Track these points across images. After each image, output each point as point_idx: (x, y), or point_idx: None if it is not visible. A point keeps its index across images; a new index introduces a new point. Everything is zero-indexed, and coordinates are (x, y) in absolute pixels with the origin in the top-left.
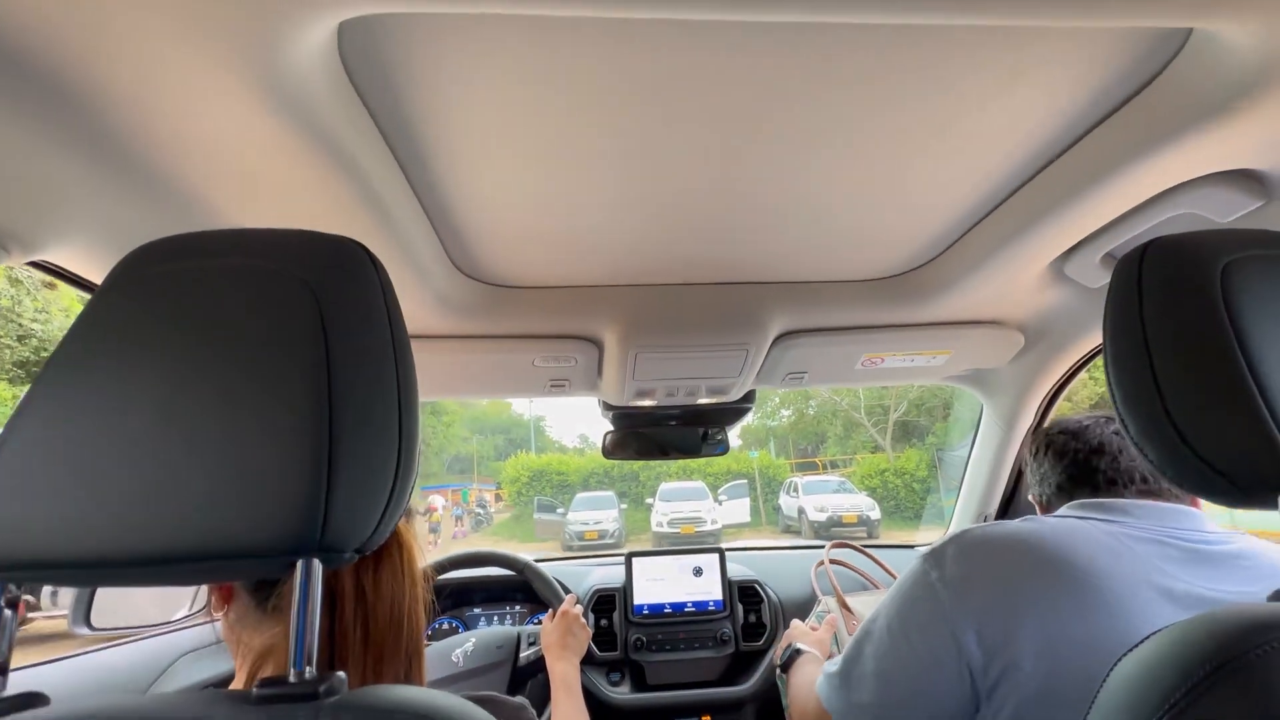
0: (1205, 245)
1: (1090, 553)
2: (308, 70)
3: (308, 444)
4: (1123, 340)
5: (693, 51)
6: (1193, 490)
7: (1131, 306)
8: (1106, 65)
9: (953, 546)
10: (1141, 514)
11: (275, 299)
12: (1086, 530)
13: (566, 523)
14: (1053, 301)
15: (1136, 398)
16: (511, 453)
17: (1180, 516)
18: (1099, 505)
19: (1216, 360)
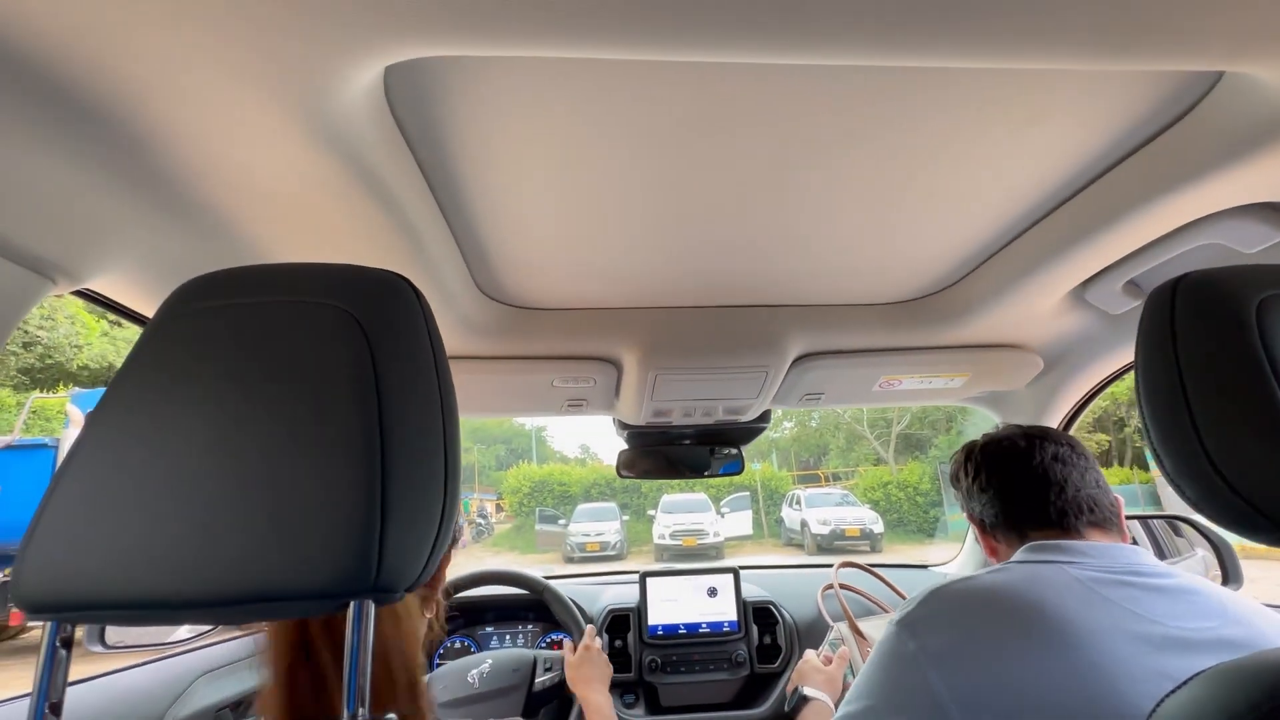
0: (1239, 281)
1: (1072, 606)
2: (354, 110)
3: (361, 482)
4: (1157, 376)
5: (718, 87)
6: (1232, 528)
7: (1165, 342)
8: (1137, 103)
9: (928, 611)
10: (1098, 554)
11: (325, 334)
12: (1057, 579)
13: (568, 534)
14: (1073, 326)
15: (1172, 435)
16: (513, 463)
17: (1128, 552)
18: (1058, 547)
19: (1254, 397)
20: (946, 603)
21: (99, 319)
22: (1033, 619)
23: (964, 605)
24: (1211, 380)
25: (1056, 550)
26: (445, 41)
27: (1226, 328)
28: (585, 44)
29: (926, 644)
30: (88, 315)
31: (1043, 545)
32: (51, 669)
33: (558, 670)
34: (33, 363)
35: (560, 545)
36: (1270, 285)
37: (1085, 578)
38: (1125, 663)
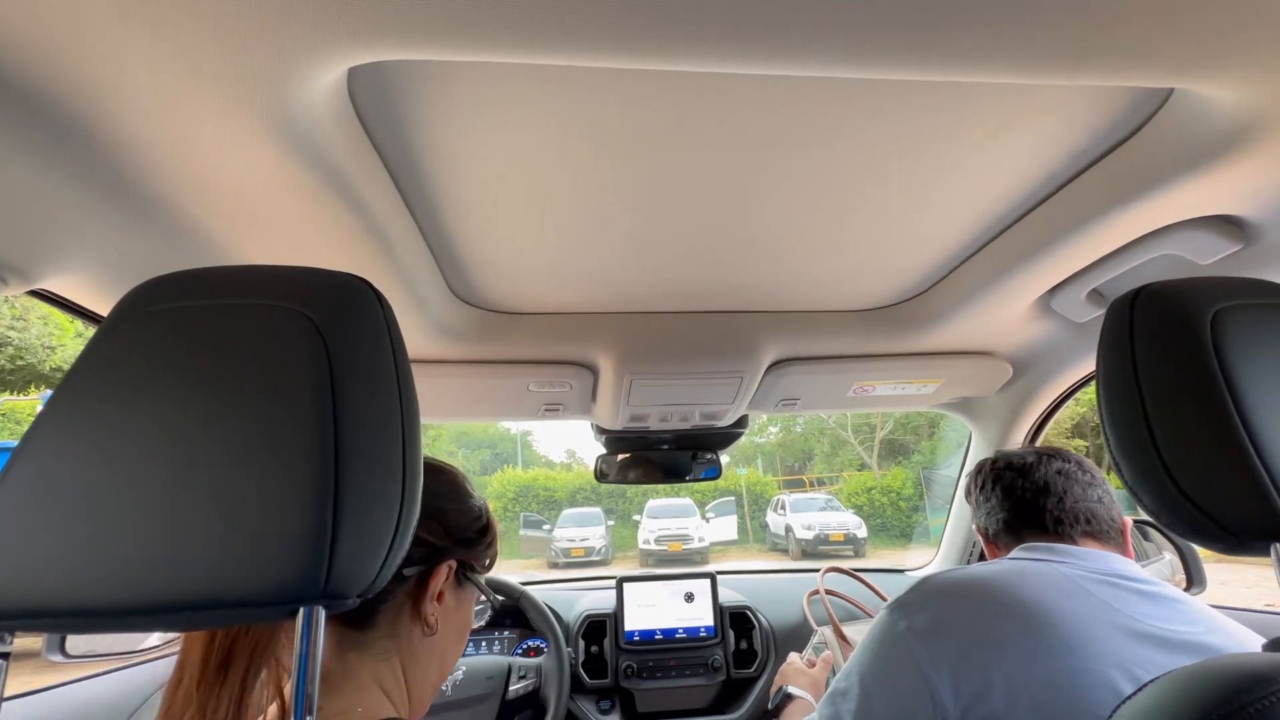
0: (1195, 292)
1: (1052, 595)
2: (318, 111)
3: (313, 489)
4: (1116, 386)
5: (692, 94)
6: (1188, 536)
7: (1124, 352)
8: (1092, 118)
9: (918, 595)
10: (1087, 558)
11: (281, 337)
12: (1045, 572)
13: (552, 539)
14: (1040, 334)
15: (1130, 444)
16: (498, 468)
17: (1118, 561)
18: (1050, 549)
19: (1208, 408)
20: (937, 588)
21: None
22: (1013, 603)
23: (952, 590)
24: (1167, 391)
25: (1047, 551)
26: (408, 45)
27: (1181, 339)
28: (551, 51)
29: (915, 624)
30: (61, 317)
31: (1035, 546)
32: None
33: (532, 678)
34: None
35: (545, 551)
36: (1224, 297)
37: (1072, 574)
38: (1098, 643)
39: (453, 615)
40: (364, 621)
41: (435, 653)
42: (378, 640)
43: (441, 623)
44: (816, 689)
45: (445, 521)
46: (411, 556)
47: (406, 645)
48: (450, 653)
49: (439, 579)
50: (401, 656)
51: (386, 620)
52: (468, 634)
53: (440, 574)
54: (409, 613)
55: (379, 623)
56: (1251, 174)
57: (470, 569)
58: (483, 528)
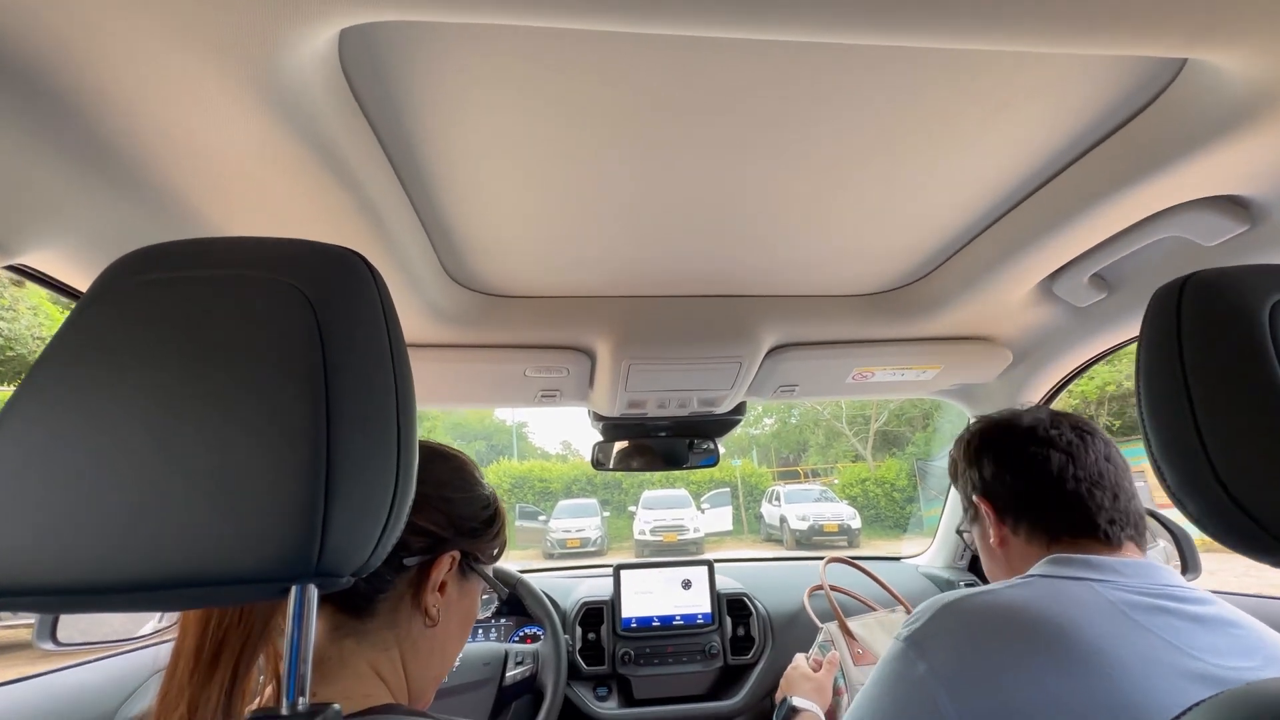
0: (1252, 282)
1: (1102, 630)
2: (307, 77)
3: (304, 462)
4: (1161, 385)
5: (690, 69)
6: (1238, 549)
7: (1170, 347)
8: (1101, 92)
9: (937, 627)
10: (1130, 572)
11: (271, 311)
12: (1089, 600)
13: (548, 530)
14: (1041, 319)
15: (1176, 447)
16: (493, 459)
17: (1161, 572)
18: (1087, 563)
19: (1265, 409)
20: (960, 618)
21: (63, 310)
22: (1058, 640)
23: (980, 622)
24: (1219, 388)
25: (1085, 566)
26: (397, 4)
27: (1236, 333)
28: (549, 12)
29: (937, 664)
30: (51, 306)
31: (1069, 560)
32: None
33: (529, 664)
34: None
35: (540, 541)
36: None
37: (1118, 600)
38: (1159, 696)
39: (455, 607)
40: (363, 610)
41: (436, 644)
42: (377, 630)
43: (443, 614)
44: (823, 695)
45: (449, 511)
46: (412, 546)
47: (406, 636)
48: (453, 645)
49: (441, 570)
50: (401, 647)
51: (387, 610)
52: (471, 626)
53: (442, 564)
54: (409, 603)
55: (379, 612)
56: (1262, 151)
57: (475, 559)
58: (490, 518)
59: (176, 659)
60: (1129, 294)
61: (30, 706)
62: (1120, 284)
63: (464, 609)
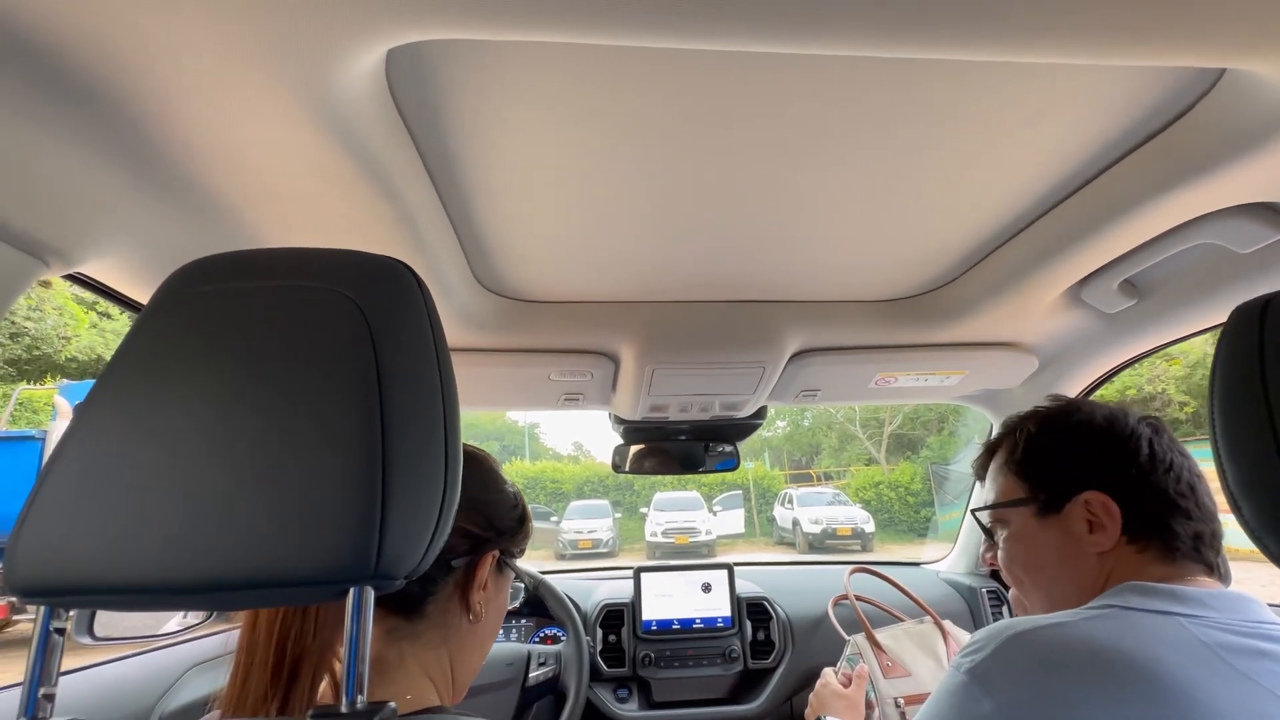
0: None
1: (1191, 673)
2: (356, 95)
3: (362, 468)
4: (1241, 413)
5: (720, 81)
6: None
7: (1251, 371)
8: (1137, 99)
9: (1005, 661)
10: (1219, 606)
11: (326, 319)
12: (1176, 637)
13: (560, 531)
14: (1068, 326)
15: (1259, 481)
16: (506, 460)
17: (1248, 605)
18: (1173, 595)
19: None
20: (1032, 653)
21: (87, 310)
22: (1145, 684)
23: (1057, 659)
24: None
25: (1170, 598)
26: (448, 24)
27: None
28: (591, 30)
29: (1005, 703)
30: (76, 307)
31: (1153, 590)
32: (44, 657)
33: (552, 665)
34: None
35: (552, 542)
36: None
37: (1211, 640)
38: None
39: (494, 602)
40: (414, 612)
41: (478, 639)
42: (427, 630)
43: (485, 609)
44: (856, 713)
45: (487, 512)
46: (458, 548)
47: (455, 635)
48: (490, 634)
49: (485, 569)
50: (449, 645)
51: (436, 611)
52: (504, 616)
53: (486, 564)
54: (457, 603)
55: (428, 613)
56: None
57: (510, 554)
58: (521, 516)
59: (248, 672)
60: (1159, 300)
61: (77, 697)
62: (1151, 290)
63: (500, 603)
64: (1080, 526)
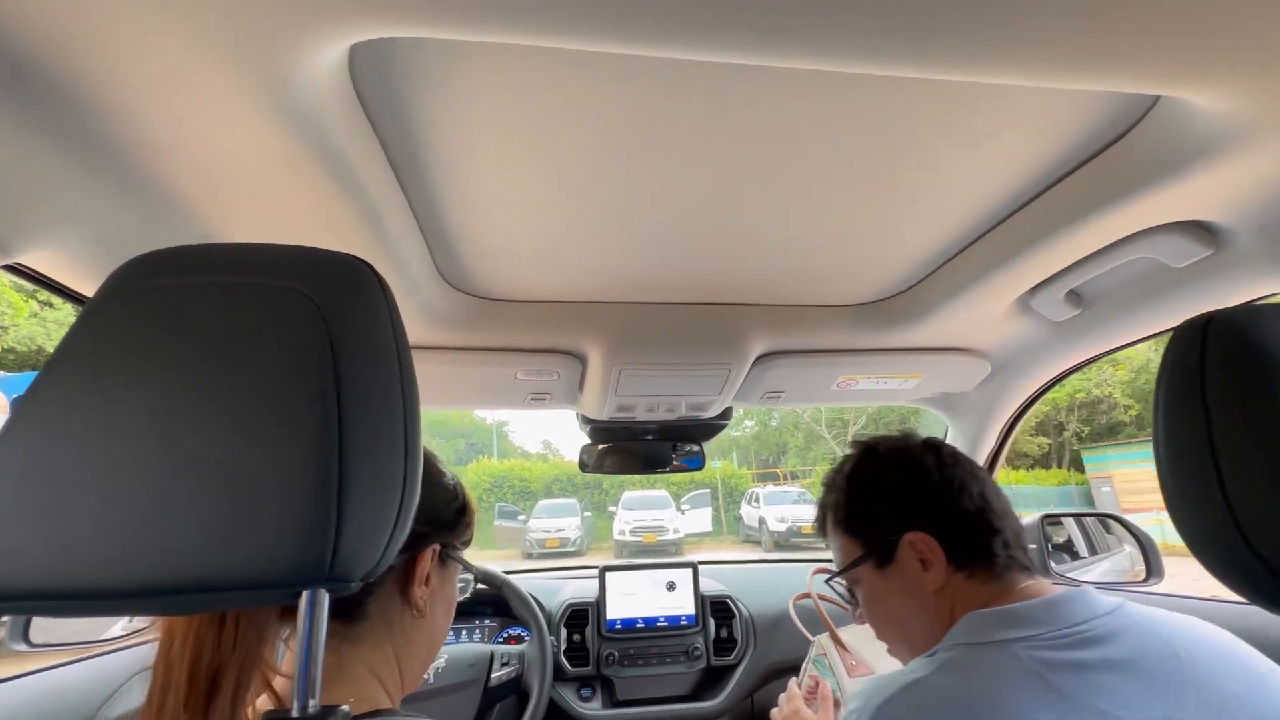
0: (1277, 323)
1: (1027, 709)
2: (318, 90)
3: (317, 467)
4: (1181, 429)
5: (687, 86)
6: (1259, 603)
7: (1193, 389)
8: (1080, 122)
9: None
10: (1046, 615)
11: (282, 317)
12: (1010, 670)
13: (528, 530)
14: (1018, 332)
15: (1196, 496)
16: (473, 458)
17: (1069, 606)
18: (1009, 617)
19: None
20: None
21: (27, 299)
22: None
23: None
24: (1245, 436)
25: (1004, 623)
26: (413, 22)
27: (1262, 376)
28: (557, 34)
29: None
30: (15, 295)
31: (986, 617)
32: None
33: (515, 665)
34: None
35: (519, 541)
36: None
37: (1039, 662)
38: None
39: (439, 595)
40: (354, 614)
41: (425, 634)
42: (370, 631)
43: (429, 604)
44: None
45: (425, 506)
46: None
47: (399, 632)
48: (440, 630)
49: (425, 564)
50: (394, 643)
51: (378, 610)
52: (454, 608)
53: (426, 558)
54: (398, 600)
55: (370, 614)
56: (1227, 181)
57: (452, 547)
58: (460, 507)
59: (165, 692)
60: (1102, 311)
61: (17, 705)
62: (1094, 301)
63: (446, 595)
64: (914, 568)
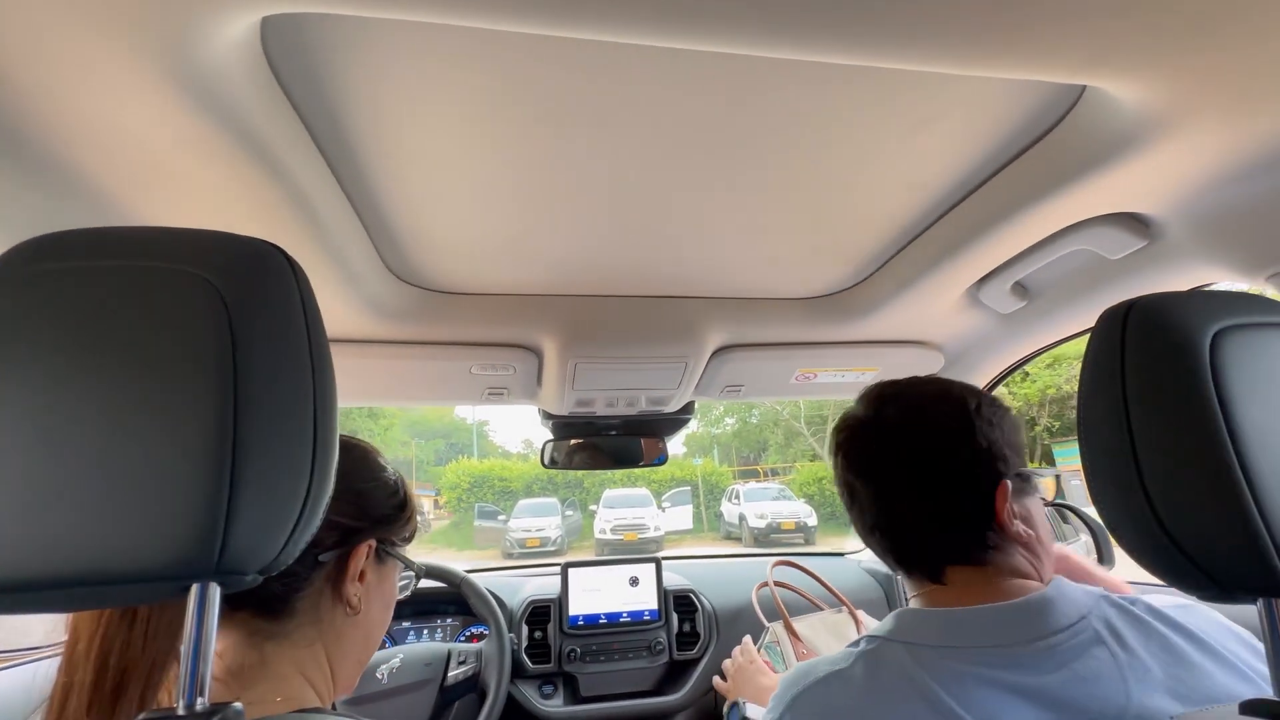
0: (1194, 309)
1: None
2: (227, 65)
3: (208, 458)
4: (1101, 413)
5: (631, 71)
6: (1171, 583)
7: (1112, 372)
8: (1013, 113)
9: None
10: (982, 632)
11: (177, 303)
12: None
13: (508, 530)
14: (969, 325)
15: (1113, 477)
16: (453, 458)
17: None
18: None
19: (1202, 445)
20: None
21: None
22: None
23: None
24: (1159, 422)
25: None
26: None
27: (1178, 363)
28: (471, 12)
29: None
30: None
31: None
32: None
33: (472, 663)
34: None
35: (500, 541)
36: (1227, 315)
37: (946, 671)
38: None
39: (375, 591)
40: (281, 611)
41: (360, 631)
42: (298, 628)
43: (365, 601)
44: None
45: (360, 502)
46: (326, 541)
47: (330, 629)
48: (376, 628)
49: (359, 560)
50: (325, 641)
51: (307, 607)
52: (393, 606)
53: (360, 555)
54: (330, 597)
55: (298, 610)
56: (1154, 173)
57: (390, 544)
58: (400, 503)
59: (67, 693)
60: (1047, 302)
61: None
62: (1039, 293)
63: (384, 592)
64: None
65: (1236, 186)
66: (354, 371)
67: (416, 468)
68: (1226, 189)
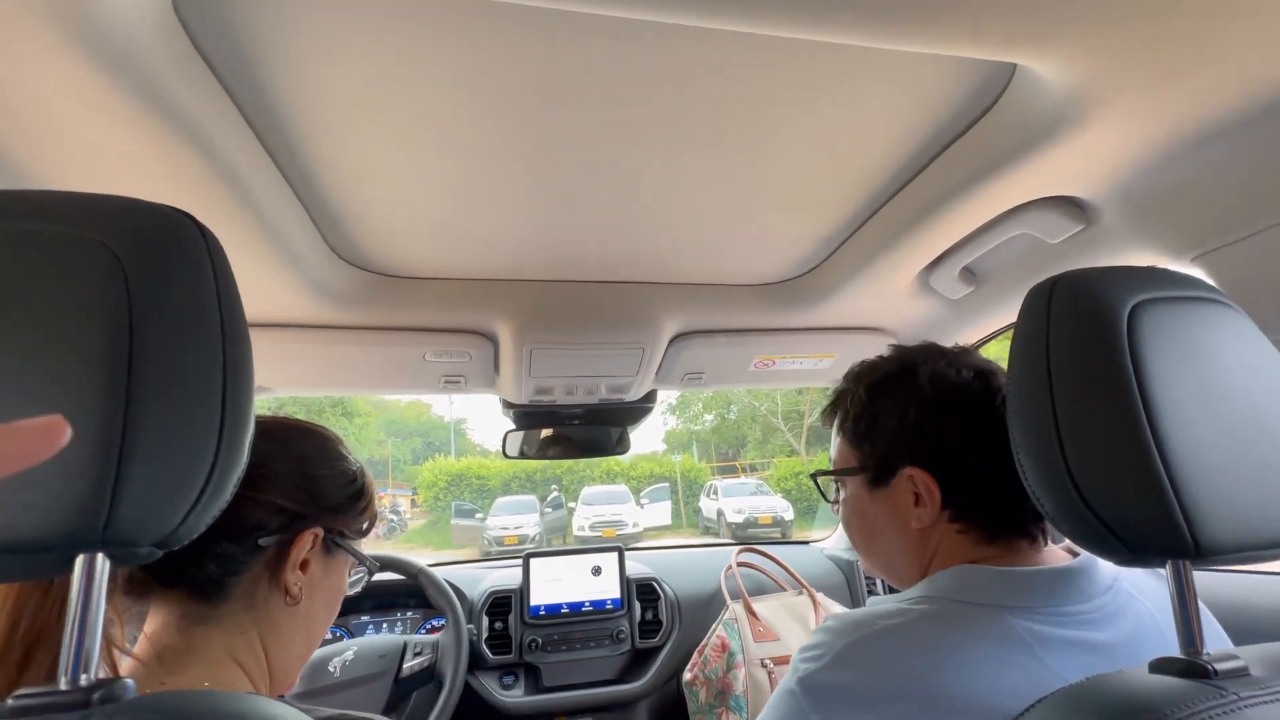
0: (1115, 283)
1: (1011, 681)
2: (131, 23)
3: (94, 418)
4: (1027, 383)
5: (580, 44)
6: (1085, 546)
7: (1039, 344)
8: (948, 94)
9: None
10: (1051, 590)
11: (69, 267)
12: (995, 633)
13: (485, 528)
14: (921, 311)
15: (1037, 443)
16: (430, 456)
17: (1070, 580)
18: (1006, 579)
19: (1117, 412)
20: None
21: None
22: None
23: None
24: (1079, 391)
25: (1002, 585)
26: None
27: (1097, 334)
28: None
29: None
30: None
31: (975, 576)
32: None
33: (428, 654)
34: None
35: (477, 540)
36: (1145, 289)
37: (1031, 635)
38: None
39: (320, 584)
40: (214, 594)
41: (300, 623)
42: (232, 613)
43: (307, 592)
44: None
45: (311, 488)
46: (268, 525)
47: (266, 617)
48: (319, 622)
49: (302, 547)
50: (260, 629)
51: (242, 592)
52: (339, 602)
53: (303, 542)
54: (268, 583)
55: (233, 595)
56: (1085, 154)
57: (341, 535)
58: (356, 492)
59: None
60: (994, 288)
61: None
62: (987, 278)
63: (330, 586)
64: (906, 500)
65: (1163, 170)
66: (301, 356)
67: (393, 466)
68: (1155, 172)
